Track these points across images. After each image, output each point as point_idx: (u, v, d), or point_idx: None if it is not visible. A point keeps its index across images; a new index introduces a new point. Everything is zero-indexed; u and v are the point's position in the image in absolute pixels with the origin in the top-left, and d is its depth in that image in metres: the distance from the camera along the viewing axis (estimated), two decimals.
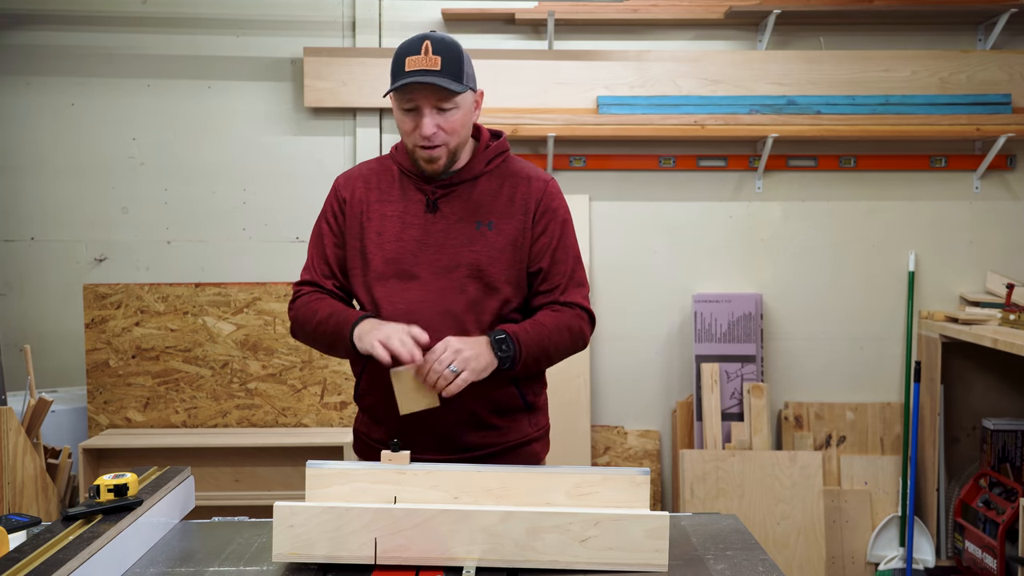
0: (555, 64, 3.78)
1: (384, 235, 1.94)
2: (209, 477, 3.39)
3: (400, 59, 1.86)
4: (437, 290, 1.91)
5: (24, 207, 3.85)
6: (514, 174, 1.99)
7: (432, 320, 1.88)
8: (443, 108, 1.85)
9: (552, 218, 1.98)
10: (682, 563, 1.62)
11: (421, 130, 1.85)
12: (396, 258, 1.93)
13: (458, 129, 1.89)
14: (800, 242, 3.90)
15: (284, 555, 1.55)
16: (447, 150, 1.89)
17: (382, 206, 1.96)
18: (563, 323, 1.95)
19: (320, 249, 2.01)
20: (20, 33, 3.81)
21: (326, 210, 2.03)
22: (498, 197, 1.95)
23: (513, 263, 1.94)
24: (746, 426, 3.72)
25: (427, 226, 1.93)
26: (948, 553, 3.81)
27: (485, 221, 1.93)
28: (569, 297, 1.98)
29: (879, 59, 3.78)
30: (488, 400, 1.94)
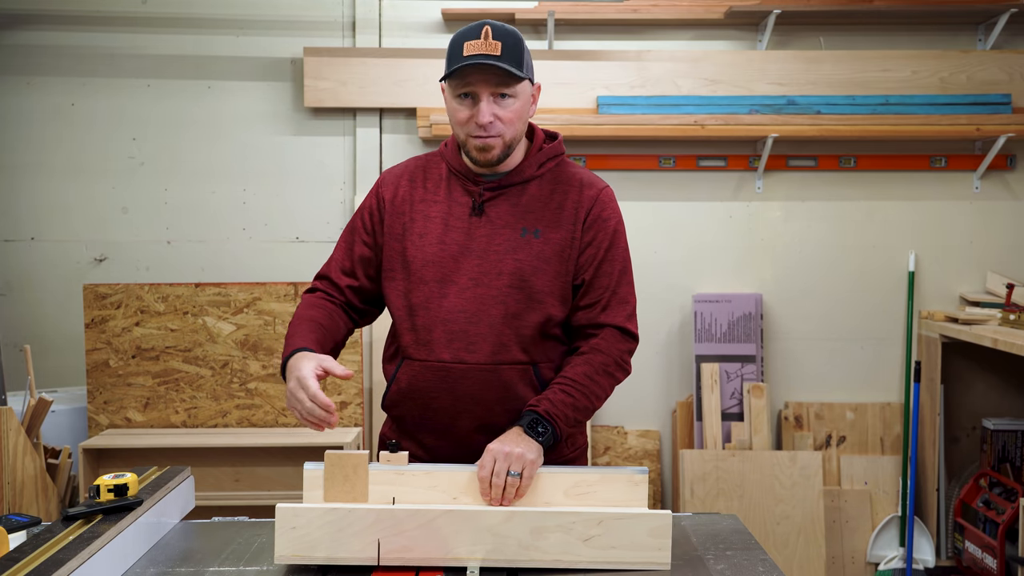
0: (555, 64, 3.78)
1: (426, 237, 1.84)
2: (209, 477, 3.39)
3: (458, 44, 1.76)
4: (475, 299, 1.80)
5: (24, 207, 3.85)
6: (566, 180, 1.88)
7: (468, 332, 1.80)
8: (502, 95, 1.76)
9: (601, 228, 1.85)
10: (682, 563, 1.62)
11: (478, 117, 1.75)
12: (437, 261, 1.82)
13: (515, 120, 1.79)
14: (800, 242, 3.90)
15: (286, 557, 1.55)
16: (503, 141, 1.78)
17: (426, 206, 1.86)
18: (595, 369, 1.81)
19: (349, 245, 1.93)
20: (20, 33, 3.81)
21: (364, 206, 1.94)
22: (548, 204, 1.84)
23: (559, 275, 1.82)
24: (746, 426, 3.72)
25: (471, 230, 1.83)
26: (948, 553, 3.81)
27: (531, 228, 1.82)
28: (608, 316, 1.86)
29: (879, 59, 3.78)
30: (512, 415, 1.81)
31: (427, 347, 1.82)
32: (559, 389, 1.79)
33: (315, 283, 1.97)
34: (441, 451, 1.76)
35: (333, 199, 3.88)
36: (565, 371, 1.82)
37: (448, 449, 1.83)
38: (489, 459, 1.65)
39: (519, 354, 1.81)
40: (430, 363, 1.82)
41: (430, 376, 1.82)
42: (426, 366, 1.82)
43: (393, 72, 3.75)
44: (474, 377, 1.80)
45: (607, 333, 1.86)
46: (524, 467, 1.64)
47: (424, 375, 1.82)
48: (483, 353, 1.80)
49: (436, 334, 1.81)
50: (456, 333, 1.80)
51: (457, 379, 1.81)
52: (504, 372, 1.81)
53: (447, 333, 1.80)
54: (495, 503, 1.63)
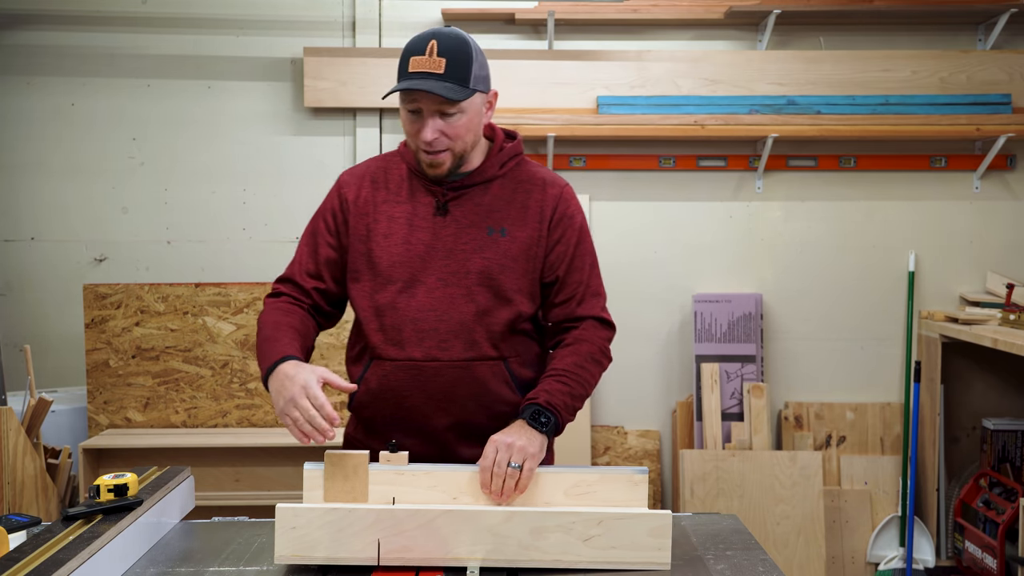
0: (555, 64, 3.78)
1: (392, 238, 1.84)
2: (209, 477, 3.39)
3: (405, 58, 1.77)
4: (445, 298, 1.82)
5: (24, 207, 3.85)
6: (528, 178, 1.90)
7: (439, 330, 1.81)
8: (446, 113, 1.76)
9: (568, 226, 1.90)
10: (682, 563, 1.62)
11: (423, 135, 1.76)
12: (404, 262, 1.83)
13: (462, 135, 1.79)
14: (800, 242, 3.90)
15: (286, 557, 1.55)
16: (451, 155, 1.80)
17: (389, 207, 1.87)
18: (584, 356, 1.86)
19: (312, 247, 1.92)
20: (20, 33, 3.81)
21: (325, 207, 1.93)
22: (511, 202, 1.87)
23: (526, 272, 1.86)
24: (746, 426, 3.72)
25: (436, 230, 1.84)
26: (948, 553, 3.81)
27: (497, 227, 1.84)
28: (585, 309, 1.91)
29: (879, 59, 3.78)
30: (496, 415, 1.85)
31: (398, 346, 1.82)
32: (554, 379, 1.82)
33: (279, 287, 1.95)
34: (413, 450, 1.73)
35: None
36: (555, 363, 1.86)
37: (421, 448, 1.80)
38: (491, 450, 1.67)
39: (490, 350, 1.84)
40: (401, 362, 1.82)
41: (402, 375, 1.82)
42: (398, 365, 1.82)
43: (393, 72, 3.70)
44: (447, 374, 1.82)
45: (587, 324, 1.91)
46: (525, 460, 1.66)
47: (396, 374, 1.82)
48: (456, 350, 1.82)
49: (406, 333, 1.82)
50: (427, 332, 1.81)
51: (430, 377, 1.82)
52: (477, 368, 1.83)
53: (418, 332, 1.81)
54: (495, 496, 1.63)
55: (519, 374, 1.88)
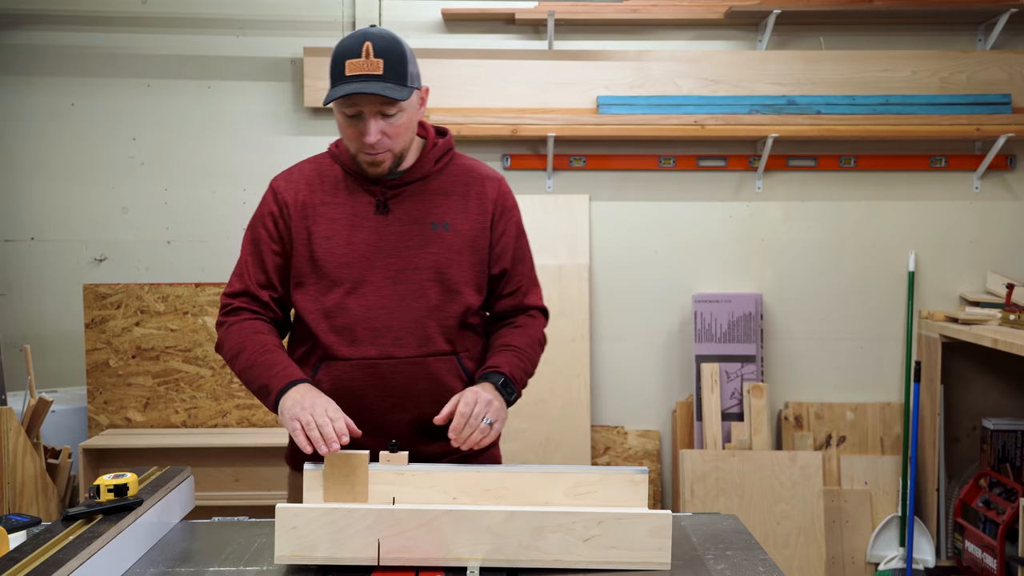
0: (555, 64, 3.78)
1: (333, 239, 1.84)
2: (209, 477, 3.39)
3: (340, 61, 1.75)
4: (395, 295, 1.83)
5: (24, 207, 3.85)
6: (465, 172, 1.93)
7: (392, 327, 1.82)
8: (387, 114, 1.76)
9: (509, 218, 1.94)
10: (682, 563, 1.62)
11: (366, 138, 1.76)
12: (349, 262, 1.83)
13: (403, 132, 1.80)
14: (800, 242, 3.90)
15: (286, 557, 1.55)
16: (392, 155, 1.81)
17: (327, 209, 1.86)
18: (533, 339, 1.95)
19: (257, 256, 1.88)
20: (20, 33, 3.81)
21: (263, 214, 1.89)
22: (451, 197, 1.89)
23: (472, 264, 1.88)
24: (746, 426, 3.72)
25: (378, 228, 1.84)
26: (948, 553, 3.81)
27: (440, 222, 1.86)
28: (531, 300, 1.99)
29: (879, 59, 3.78)
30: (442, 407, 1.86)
31: (352, 346, 1.82)
32: (511, 353, 1.88)
33: (234, 302, 1.89)
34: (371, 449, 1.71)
35: None
36: (505, 339, 1.92)
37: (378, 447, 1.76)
38: (471, 398, 1.74)
39: (443, 345, 1.86)
40: (356, 361, 1.82)
41: (357, 374, 1.82)
42: (352, 365, 1.82)
43: None
44: (403, 371, 1.83)
45: (533, 312, 1.99)
46: (496, 420, 1.76)
47: (351, 374, 1.82)
48: (410, 346, 1.83)
49: (359, 332, 1.82)
50: (380, 330, 1.82)
51: (386, 374, 1.83)
52: (432, 364, 1.85)
53: (370, 331, 1.82)
54: (460, 443, 1.72)
55: (469, 368, 1.91)
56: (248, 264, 1.89)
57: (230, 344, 1.85)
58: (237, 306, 1.89)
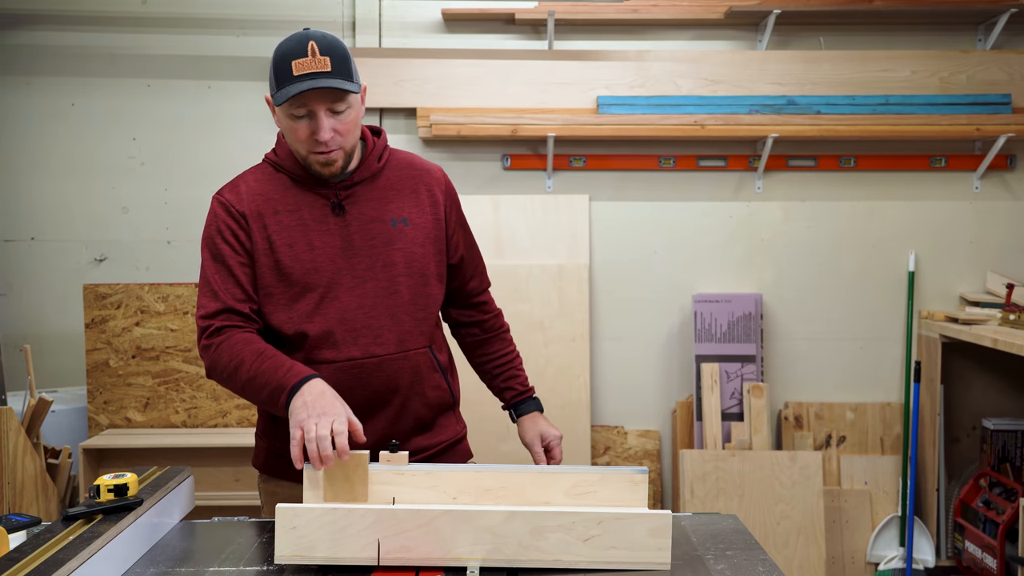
0: (555, 64, 3.78)
1: (296, 246, 1.82)
2: (209, 477, 3.39)
3: (285, 63, 1.77)
4: (370, 293, 1.83)
5: (24, 207, 3.85)
6: (407, 166, 1.96)
7: (371, 326, 1.83)
8: (337, 111, 1.78)
9: (457, 206, 2.00)
10: (682, 563, 1.62)
11: (319, 135, 1.76)
12: (316, 267, 1.81)
13: (352, 130, 1.82)
14: (800, 242, 3.90)
15: (287, 557, 1.54)
16: (343, 152, 1.81)
17: (283, 217, 1.83)
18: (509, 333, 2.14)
19: (225, 272, 1.81)
20: (20, 33, 3.81)
21: (220, 228, 1.83)
22: (402, 191, 1.91)
23: (434, 255, 1.92)
24: (746, 426, 3.72)
25: (338, 230, 1.84)
26: (948, 553, 3.81)
27: (398, 218, 1.88)
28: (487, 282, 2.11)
29: (879, 59, 3.78)
30: (429, 402, 1.91)
31: (334, 348, 1.82)
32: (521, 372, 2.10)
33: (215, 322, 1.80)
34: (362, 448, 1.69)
35: None
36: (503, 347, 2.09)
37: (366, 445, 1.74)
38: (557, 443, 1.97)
39: (420, 338, 1.89)
40: (340, 363, 1.82)
41: (341, 376, 1.81)
42: (336, 367, 1.82)
43: (393, 72, 3.75)
44: (387, 368, 1.84)
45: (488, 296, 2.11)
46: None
47: (336, 376, 1.80)
48: (391, 343, 1.85)
49: (339, 335, 1.82)
50: (359, 329, 1.82)
51: (371, 373, 1.83)
52: (412, 358, 1.88)
53: (350, 331, 1.82)
54: None
55: (439, 359, 1.95)
56: (218, 282, 1.82)
57: (224, 362, 1.77)
58: (220, 325, 1.80)
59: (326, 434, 1.58)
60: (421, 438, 1.92)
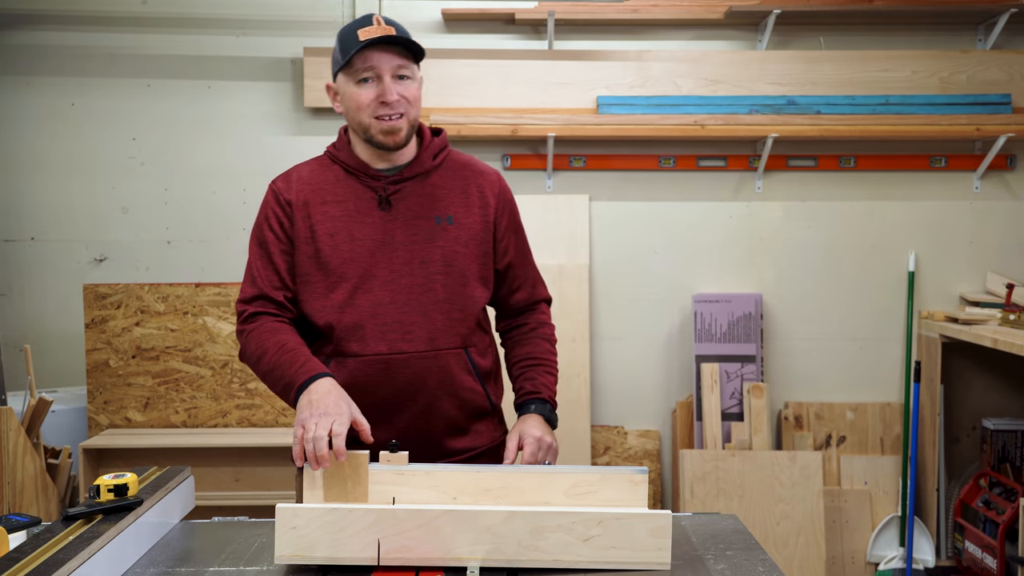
0: (555, 64, 3.78)
1: (337, 236, 1.84)
2: (209, 477, 3.39)
3: (351, 33, 1.80)
4: (403, 289, 1.83)
5: (24, 207, 3.85)
6: (463, 167, 1.94)
7: (402, 322, 1.82)
8: (402, 76, 1.80)
9: (512, 211, 1.97)
10: (682, 563, 1.62)
11: (384, 95, 1.78)
12: (354, 258, 1.83)
13: (416, 101, 1.83)
14: (800, 242, 3.90)
15: (286, 557, 1.54)
16: (407, 121, 1.82)
17: (329, 207, 1.86)
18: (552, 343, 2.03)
19: (266, 259, 1.87)
20: (20, 33, 3.81)
21: (268, 215, 1.90)
22: (452, 191, 1.90)
23: (478, 257, 1.89)
24: (746, 426, 3.72)
25: (382, 224, 1.85)
26: (948, 553, 3.81)
27: (444, 216, 1.87)
28: (540, 292, 2.04)
29: (879, 59, 3.78)
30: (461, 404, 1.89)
31: (361, 342, 1.82)
32: (543, 371, 1.95)
33: (250, 307, 1.87)
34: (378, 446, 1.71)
35: None
36: (533, 350, 1.98)
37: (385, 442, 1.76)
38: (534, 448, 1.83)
39: (453, 339, 1.86)
40: (367, 357, 1.82)
41: (368, 370, 1.82)
42: (363, 361, 1.82)
43: None
44: (414, 365, 1.83)
45: (543, 306, 2.05)
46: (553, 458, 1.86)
47: (362, 370, 1.82)
48: (420, 341, 1.83)
49: (368, 329, 1.82)
50: (389, 324, 1.82)
51: (397, 369, 1.82)
52: (442, 357, 1.85)
53: (380, 326, 1.81)
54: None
55: (477, 362, 1.91)
56: (259, 268, 1.88)
57: (251, 349, 1.83)
58: (254, 311, 1.86)
59: (323, 435, 1.59)
60: (454, 440, 1.89)
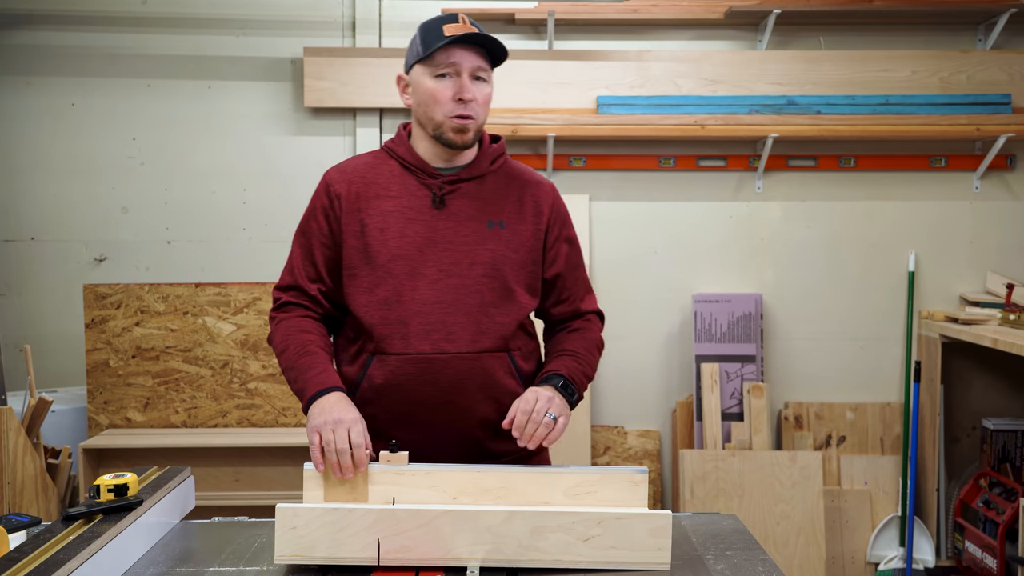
0: (555, 64, 3.78)
1: (387, 231, 1.83)
2: (209, 477, 3.39)
3: (435, 27, 1.80)
4: (450, 289, 1.81)
5: (24, 207, 3.85)
6: (519, 175, 1.95)
7: (446, 322, 1.80)
8: (479, 77, 1.81)
9: (564, 224, 1.95)
10: (682, 563, 1.62)
11: (462, 92, 1.78)
12: (403, 255, 1.81)
13: (486, 104, 1.84)
14: (800, 242, 3.90)
15: (286, 557, 1.55)
16: (476, 124, 1.82)
17: (381, 202, 1.85)
18: (592, 343, 1.95)
19: (307, 249, 1.89)
20: (20, 33, 3.81)
21: (315, 206, 1.90)
22: (507, 197, 1.89)
23: (525, 265, 1.87)
24: (746, 426, 3.72)
25: (433, 222, 1.83)
26: (948, 553, 3.81)
27: (496, 220, 1.86)
28: (587, 305, 1.99)
29: (879, 59, 3.78)
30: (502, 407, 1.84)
31: (404, 340, 1.81)
32: (570, 358, 1.88)
33: (284, 296, 1.91)
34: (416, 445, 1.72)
35: None
36: (565, 344, 1.92)
37: (423, 442, 1.79)
38: (532, 397, 1.74)
39: (497, 341, 1.84)
40: (409, 355, 1.81)
41: (410, 369, 1.80)
42: (404, 359, 1.81)
43: (393, 72, 3.73)
44: (456, 366, 1.81)
45: (589, 317, 2.00)
46: (561, 415, 1.75)
47: (403, 368, 1.81)
48: (463, 342, 1.81)
49: (412, 327, 1.80)
50: (433, 324, 1.80)
51: (439, 369, 1.81)
52: (485, 360, 1.83)
53: (424, 324, 1.80)
54: (526, 440, 1.71)
55: (521, 367, 1.89)
56: (297, 258, 1.90)
57: (276, 340, 1.87)
58: (286, 300, 1.90)
59: (345, 448, 1.62)
60: (496, 443, 1.87)
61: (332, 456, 1.62)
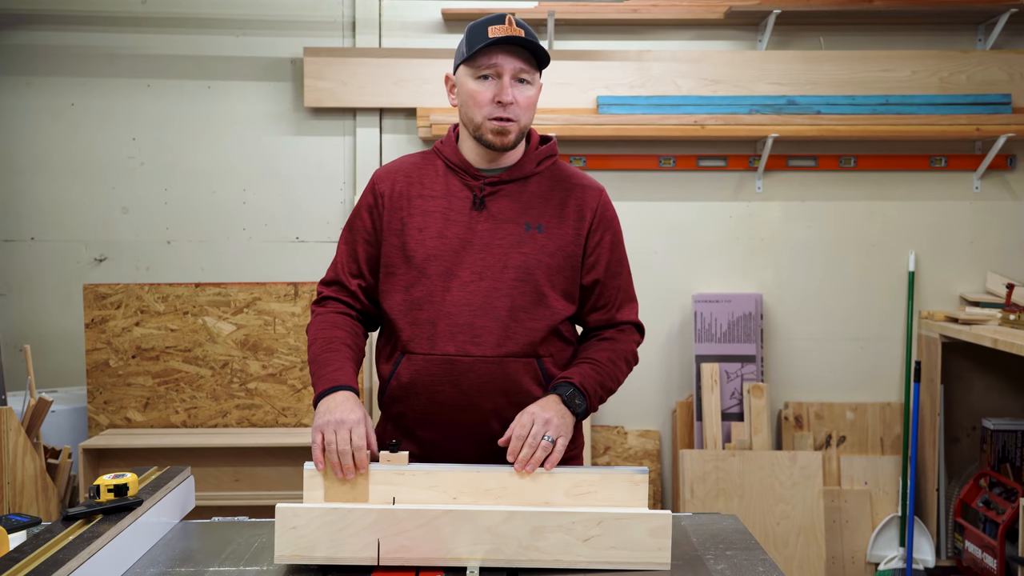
0: (555, 64, 3.76)
1: (426, 231, 1.83)
2: (209, 477, 3.39)
3: (481, 28, 1.78)
4: (480, 292, 1.80)
5: (24, 207, 3.85)
6: (565, 178, 1.91)
7: (474, 324, 1.80)
8: (522, 80, 1.79)
9: (608, 229, 1.90)
10: (682, 563, 1.62)
11: (502, 95, 1.77)
12: (439, 255, 1.82)
13: (529, 108, 1.82)
14: (800, 242, 3.90)
15: (286, 557, 1.55)
16: (518, 126, 1.81)
17: (424, 201, 1.85)
18: (619, 354, 1.90)
19: (351, 246, 1.91)
20: (20, 33, 3.81)
21: (361, 205, 1.92)
22: (549, 201, 1.87)
23: (562, 270, 1.84)
24: (746, 426, 3.72)
25: (472, 224, 1.83)
26: (948, 553, 3.81)
27: (535, 224, 1.84)
28: (624, 315, 1.95)
29: (879, 59, 3.78)
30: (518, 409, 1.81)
31: (431, 341, 1.81)
32: (588, 366, 1.84)
33: (325, 290, 1.94)
34: (440, 446, 1.75)
35: (333, 199, 3.88)
36: (588, 352, 1.88)
37: (447, 444, 1.81)
38: (527, 420, 1.70)
39: (524, 347, 1.82)
40: (434, 356, 1.80)
41: (435, 370, 1.81)
42: (430, 360, 1.81)
43: (393, 72, 3.75)
44: (480, 370, 1.80)
45: (625, 327, 1.95)
46: (560, 436, 1.69)
47: (428, 369, 1.81)
48: (489, 346, 1.80)
49: (440, 327, 1.80)
50: (461, 326, 1.79)
51: (463, 372, 1.80)
52: (510, 365, 1.81)
53: (451, 326, 1.80)
54: (522, 466, 1.65)
55: (553, 374, 1.86)
56: (342, 253, 1.93)
57: (311, 334, 1.89)
58: (327, 295, 1.93)
59: (346, 449, 1.62)
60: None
61: (333, 457, 1.62)
